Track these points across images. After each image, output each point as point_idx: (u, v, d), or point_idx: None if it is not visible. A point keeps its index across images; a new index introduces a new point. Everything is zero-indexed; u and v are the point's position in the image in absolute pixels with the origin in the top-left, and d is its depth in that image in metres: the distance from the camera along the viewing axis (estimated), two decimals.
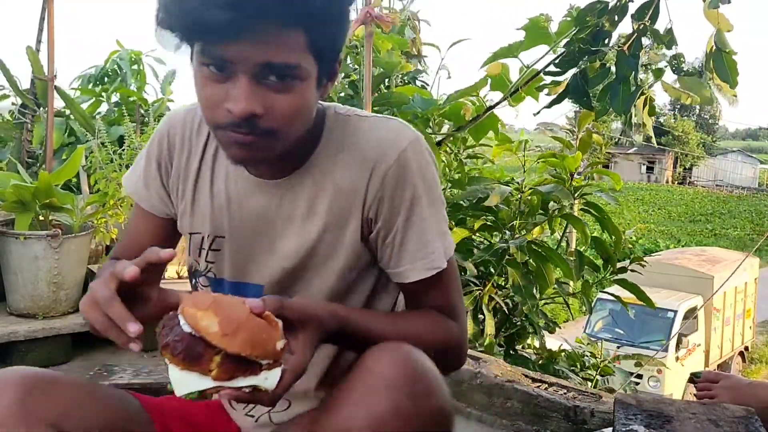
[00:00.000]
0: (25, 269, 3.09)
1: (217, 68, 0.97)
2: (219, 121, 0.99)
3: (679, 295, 11.45)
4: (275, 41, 0.95)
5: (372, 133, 1.14)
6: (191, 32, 0.95)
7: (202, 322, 0.84)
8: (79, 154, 3.29)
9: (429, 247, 1.14)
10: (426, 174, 1.13)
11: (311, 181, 1.14)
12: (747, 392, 1.65)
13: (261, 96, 0.97)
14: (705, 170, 47.89)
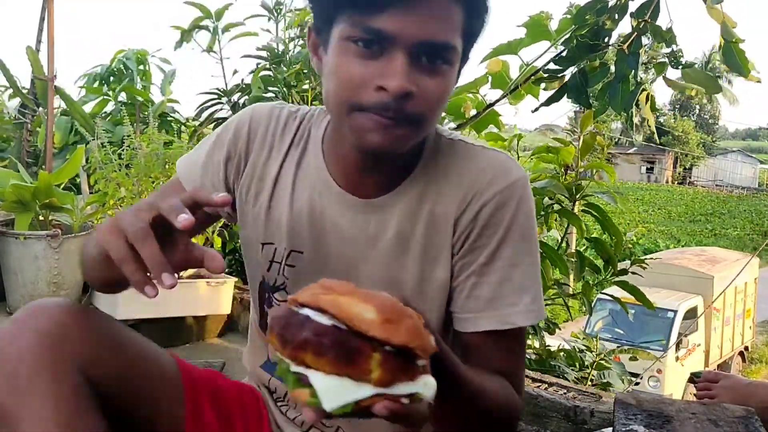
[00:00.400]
0: (25, 269, 3.09)
1: (366, 44, 0.90)
2: (363, 101, 0.91)
3: (679, 295, 11.45)
4: (439, 15, 0.90)
5: (476, 163, 1.06)
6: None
7: (353, 309, 0.64)
8: (80, 154, 3.29)
9: (509, 298, 1.03)
10: (524, 218, 1.04)
11: (405, 206, 1.05)
12: (747, 392, 1.65)
13: (415, 77, 0.91)
14: (705, 170, 47.91)
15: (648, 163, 45.81)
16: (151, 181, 3.37)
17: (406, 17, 0.87)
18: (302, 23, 4.20)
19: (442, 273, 1.05)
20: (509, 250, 1.03)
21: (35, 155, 4.00)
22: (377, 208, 1.06)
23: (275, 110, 1.14)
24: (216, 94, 4.31)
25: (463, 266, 1.04)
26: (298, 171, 1.10)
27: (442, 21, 0.90)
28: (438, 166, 1.06)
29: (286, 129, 1.13)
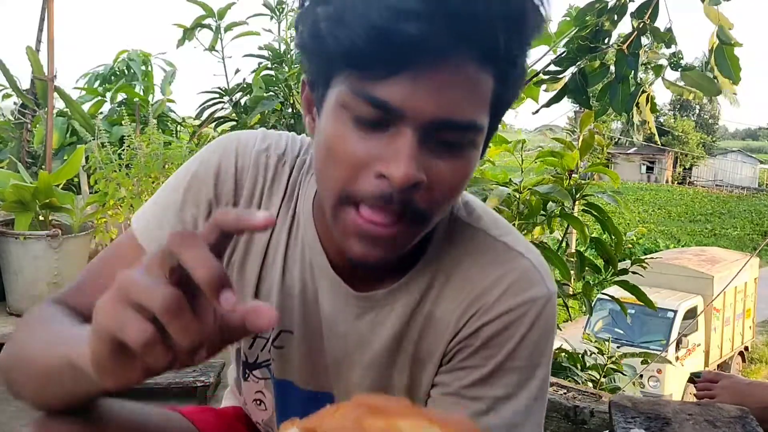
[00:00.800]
0: (25, 269, 3.09)
1: (368, 122, 0.71)
2: (359, 191, 0.73)
3: (678, 295, 11.46)
4: (463, 87, 0.70)
5: (492, 267, 0.86)
6: (364, 50, 0.67)
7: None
8: (79, 154, 3.29)
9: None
10: (533, 345, 0.85)
11: (405, 305, 0.89)
12: (746, 392, 1.65)
13: (425, 161, 0.71)
14: (705, 170, 47.91)
15: (648, 163, 45.81)
16: (151, 181, 3.38)
17: (420, 87, 0.68)
18: None
19: (427, 377, 0.91)
20: (505, 380, 0.85)
21: (33, 155, 4.00)
22: (374, 304, 0.89)
23: (262, 156, 0.91)
24: (217, 93, 4.32)
25: (447, 381, 0.88)
26: (289, 241, 0.92)
27: (467, 94, 0.70)
28: (447, 259, 0.88)
29: (276, 182, 0.91)
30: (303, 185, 0.91)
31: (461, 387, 0.86)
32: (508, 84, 0.75)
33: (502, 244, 0.88)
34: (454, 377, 0.87)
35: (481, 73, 0.70)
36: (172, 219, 0.89)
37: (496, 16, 0.67)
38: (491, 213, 0.93)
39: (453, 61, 0.68)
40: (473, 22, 0.66)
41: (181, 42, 4.29)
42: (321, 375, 0.95)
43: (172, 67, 5.40)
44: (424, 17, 0.64)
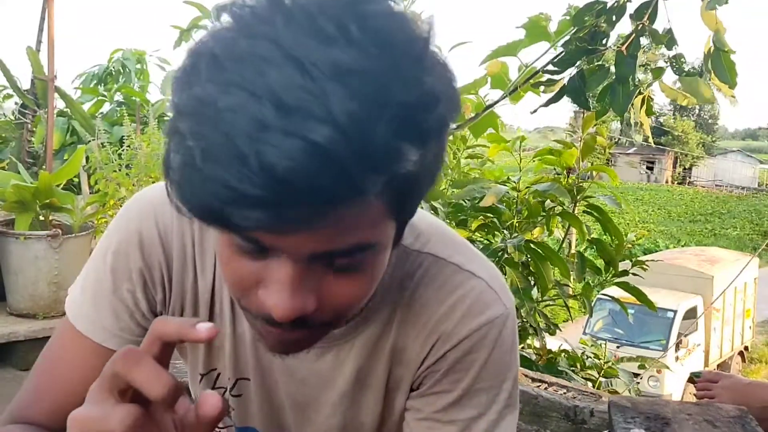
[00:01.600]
0: (26, 269, 3.10)
1: (247, 252, 0.64)
2: (250, 308, 0.68)
3: (678, 295, 11.46)
4: (348, 218, 0.59)
5: (446, 293, 0.84)
6: (207, 222, 0.59)
7: None
8: (80, 154, 3.30)
9: None
10: (496, 365, 0.85)
11: (365, 340, 0.86)
12: (746, 392, 1.65)
13: (315, 282, 0.64)
14: (704, 170, 47.94)
15: (648, 163, 45.83)
16: (152, 181, 3.38)
17: (288, 235, 0.59)
18: None
19: (400, 403, 0.90)
20: (476, 400, 0.85)
21: (34, 155, 4.00)
22: (333, 343, 0.85)
23: (184, 219, 0.82)
24: None
25: (419, 407, 0.88)
26: (225, 311, 0.87)
27: (354, 223, 0.60)
28: (404, 290, 0.85)
29: (204, 237, 0.84)
30: (206, 246, 0.85)
31: (434, 412, 0.87)
32: (408, 188, 0.62)
33: (452, 266, 0.85)
34: (425, 402, 0.87)
35: (358, 209, 0.59)
36: (107, 303, 0.84)
37: (355, 175, 0.54)
38: (438, 230, 0.89)
39: (320, 210, 0.56)
40: (324, 194, 0.54)
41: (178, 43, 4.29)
42: (282, 418, 0.92)
43: (167, 64, 5.41)
44: (263, 204, 0.54)
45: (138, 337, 0.84)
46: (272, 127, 0.52)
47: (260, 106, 0.52)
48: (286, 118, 0.52)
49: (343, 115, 0.52)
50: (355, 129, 0.53)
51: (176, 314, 0.86)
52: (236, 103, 0.53)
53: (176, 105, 0.58)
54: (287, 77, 0.53)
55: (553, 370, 2.91)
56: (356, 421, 0.91)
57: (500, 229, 2.96)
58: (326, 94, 0.52)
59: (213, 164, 0.53)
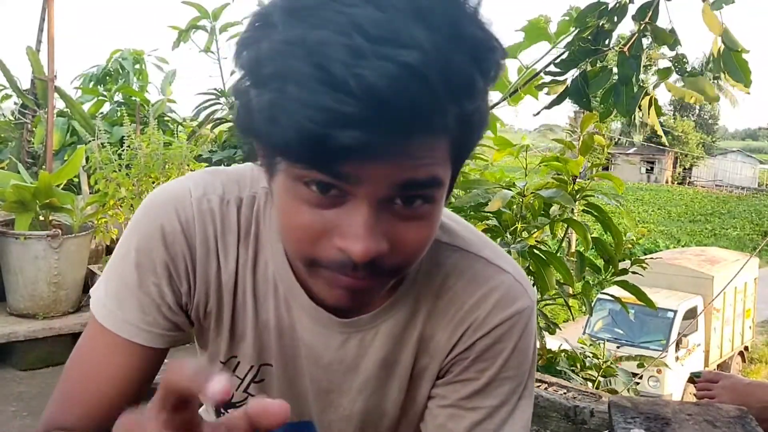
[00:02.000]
0: (25, 269, 3.09)
1: (323, 188, 0.66)
2: (320, 259, 0.71)
3: (679, 295, 11.46)
4: (416, 154, 0.65)
5: (477, 285, 0.88)
6: (299, 153, 0.63)
7: None
8: (80, 154, 3.30)
9: None
10: (522, 355, 0.90)
11: (391, 328, 0.88)
12: (746, 392, 1.65)
13: (387, 227, 0.69)
14: (705, 170, 47.94)
15: (648, 163, 45.82)
16: (152, 181, 3.38)
17: (367, 170, 0.64)
18: None
19: (423, 393, 0.93)
20: (500, 389, 0.89)
21: (34, 155, 4.00)
22: (358, 329, 0.87)
23: (203, 202, 0.85)
24: (214, 94, 4.32)
25: (445, 393, 0.91)
26: (255, 278, 0.87)
27: (427, 155, 0.66)
28: (432, 281, 0.89)
29: (226, 226, 0.86)
30: (262, 220, 0.87)
31: (459, 399, 0.90)
32: (466, 136, 0.71)
33: (482, 260, 0.90)
34: (451, 390, 0.90)
35: (434, 141, 0.66)
36: (134, 299, 0.84)
37: (440, 95, 0.62)
38: (464, 225, 0.93)
39: (401, 138, 0.63)
40: (415, 107, 0.61)
41: (176, 44, 4.30)
42: (305, 405, 0.93)
43: (165, 63, 5.41)
44: (360, 123, 0.59)
45: (165, 330, 0.85)
46: (366, 53, 0.58)
47: (350, 38, 0.58)
48: (377, 46, 0.58)
49: (427, 43, 0.59)
50: (439, 55, 0.60)
51: (201, 304, 0.87)
52: (325, 37, 0.58)
53: (254, 57, 0.64)
54: (369, 14, 0.59)
55: (553, 370, 2.91)
56: (378, 409, 0.93)
57: (502, 233, 2.96)
58: (408, 26, 0.59)
59: (309, 92, 0.58)
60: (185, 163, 3.57)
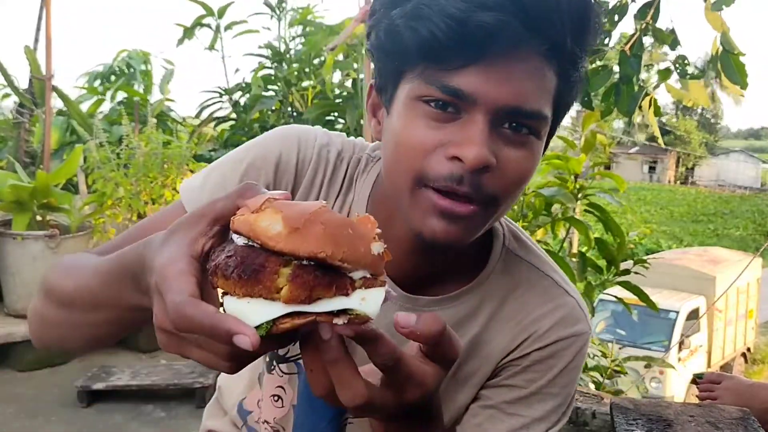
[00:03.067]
0: (23, 270, 3.08)
1: (441, 106, 0.75)
2: (431, 173, 0.76)
3: (681, 296, 11.43)
4: (532, 78, 0.75)
5: (543, 300, 0.93)
6: (435, 43, 0.72)
7: (261, 224, 0.56)
8: (78, 153, 3.28)
9: None
10: (570, 377, 0.93)
11: (449, 319, 0.88)
12: (749, 393, 1.65)
13: (495, 146, 0.75)
14: (707, 170, 47.90)
15: (650, 162, 45.80)
16: (150, 180, 3.36)
17: (491, 76, 0.73)
18: (304, 21, 4.19)
19: (464, 398, 0.95)
20: (543, 404, 0.92)
21: (32, 155, 3.99)
22: (416, 308, 0.91)
23: (323, 151, 0.94)
24: (217, 92, 4.31)
25: (489, 395, 0.94)
26: None
27: (535, 85, 0.75)
28: (498, 286, 0.93)
29: (335, 176, 0.94)
30: (358, 182, 0.95)
31: (502, 402, 0.93)
32: (570, 83, 0.79)
33: (550, 279, 0.95)
34: (496, 392, 0.94)
35: (546, 68, 0.76)
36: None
37: (564, 13, 0.72)
38: (535, 245, 1.00)
39: (523, 53, 0.73)
40: (544, 16, 0.72)
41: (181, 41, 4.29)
42: None
43: (171, 65, 5.39)
44: (499, 8, 0.70)
45: None
46: None
47: None
48: None
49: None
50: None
51: None
52: None
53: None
54: None
55: None
56: None
57: None
58: None
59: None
60: (184, 163, 3.55)
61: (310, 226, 0.56)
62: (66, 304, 0.80)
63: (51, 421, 2.95)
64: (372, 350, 0.61)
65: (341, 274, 0.58)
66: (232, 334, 0.53)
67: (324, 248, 0.55)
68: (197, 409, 3.00)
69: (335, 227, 0.57)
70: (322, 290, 0.57)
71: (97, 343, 0.85)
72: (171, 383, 3.07)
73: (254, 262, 0.56)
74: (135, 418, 3.03)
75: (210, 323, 0.54)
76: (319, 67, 4.01)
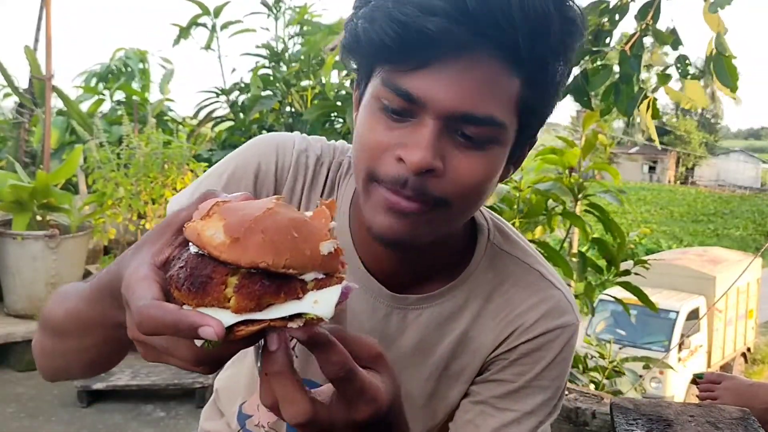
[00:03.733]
0: (23, 270, 3.08)
1: (394, 109, 0.77)
2: (379, 172, 0.78)
3: (681, 296, 11.42)
4: (485, 84, 0.75)
5: (529, 293, 0.94)
6: (384, 47, 0.74)
7: (206, 233, 0.56)
8: (78, 153, 3.28)
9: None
10: (559, 369, 0.94)
11: (435, 315, 0.94)
12: (749, 393, 1.65)
13: (444, 151, 0.76)
14: (707, 170, 47.92)
15: (650, 162, 45.80)
16: (150, 180, 3.36)
17: (441, 81, 0.73)
18: (301, 21, 4.19)
19: (457, 393, 0.96)
20: (532, 397, 0.93)
21: (31, 155, 3.99)
22: (403, 306, 0.93)
23: (302, 157, 0.95)
24: (214, 92, 4.31)
25: (479, 390, 0.95)
26: None
27: (487, 90, 0.74)
28: (484, 281, 0.94)
29: (315, 181, 0.96)
30: (341, 186, 0.97)
31: (491, 396, 0.93)
32: (537, 88, 0.78)
33: (536, 273, 0.96)
34: (485, 387, 0.94)
35: (504, 73, 0.75)
36: None
37: (516, 17, 0.71)
38: (522, 239, 1.00)
39: (474, 57, 0.73)
40: (491, 20, 0.71)
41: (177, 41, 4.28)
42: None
43: (169, 63, 5.39)
44: (443, 14, 0.70)
45: None
46: None
47: None
48: None
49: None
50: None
51: None
52: None
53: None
54: None
55: None
56: (404, 387, 0.91)
57: None
58: None
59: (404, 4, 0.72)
60: (185, 163, 3.55)
61: (249, 235, 0.56)
62: (59, 332, 0.81)
63: (51, 421, 2.94)
64: (324, 359, 0.60)
65: (291, 278, 0.57)
66: (197, 326, 0.53)
67: (264, 258, 0.55)
68: (197, 409, 2.99)
69: (276, 233, 0.56)
70: (270, 297, 0.57)
71: (97, 367, 0.86)
72: (171, 383, 3.07)
73: (202, 273, 0.56)
74: (135, 418, 3.03)
75: (173, 320, 0.54)
76: (317, 67, 4.01)
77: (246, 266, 0.56)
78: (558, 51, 0.77)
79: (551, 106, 0.83)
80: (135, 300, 0.57)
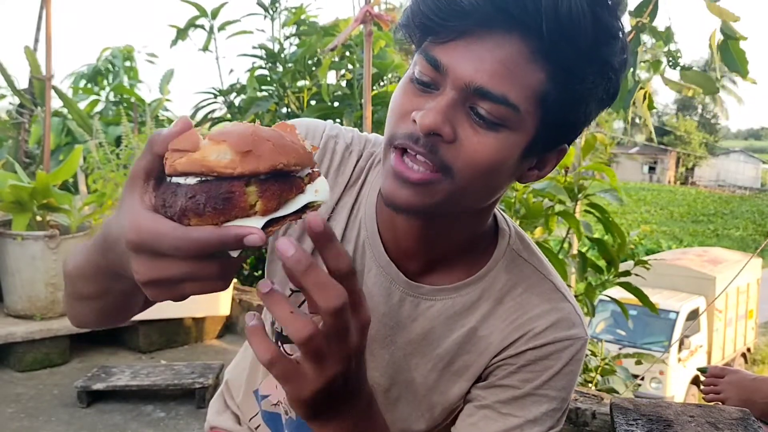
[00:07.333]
0: (23, 270, 3.08)
1: (422, 82, 0.81)
2: (396, 132, 0.82)
3: (681, 296, 11.41)
4: (506, 64, 0.77)
5: (540, 301, 0.95)
6: (424, 20, 0.78)
7: (210, 157, 0.60)
8: (77, 153, 3.28)
9: None
10: (566, 380, 0.94)
11: (447, 309, 0.96)
12: (752, 387, 1.65)
13: (457, 121, 0.79)
14: (707, 170, 47.91)
15: (650, 163, 45.79)
16: None
17: (465, 53, 0.77)
18: (298, 22, 4.18)
19: (457, 391, 0.97)
20: (537, 406, 0.93)
21: (31, 155, 3.99)
22: (417, 295, 0.96)
23: (331, 141, 0.99)
24: (212, 93, 4.31)
25: (484, 395, 0.96)
26: (348, 222, 0.98)
27: (508, 72, 0.76)
28: (499, 283, 0.96)
29: (342, 168, 0.99)
30: (370, 174, 1.00)
31: (496, 401, 0.94)
32: (562, 88, 0.78)
33: (550, 283, 0.97)
34: (491, 392, 0.95)
35: (529, 59, 0.77)
36: None
37: (543, 2, 0.73)
38: (539, 251, 1.02)
39: (503, 38, 0.76)
40: (521, 2, 0.74)
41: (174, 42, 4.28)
42: None
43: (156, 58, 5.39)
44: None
45: None
46: None
47: None
48: None
49: None
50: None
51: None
52: None
53: None
54: None
55: None
56: (408, 374, 0.99)
57: None
58: None
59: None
60: None
61: (259, 145, 0.61)
62: (71, 282, 0.85)
63: (51, 422, 2.94)
64: (335, 252, 0.64)
65: (293, 176, 0.65)
66: (242, 236, 0.59)
67: (279, 159, 0.62)
68: (197, 409, 2.99)
69: (277, 139, 0.63)
70: (287, 194, 0.64)
71: (108, 317, 0.89)
72: (171, 383, 3.06)
73: (221, 191, 0.61)
74: (135, 418, 3.03)
75: (218, 236, 0.59)
76: (313, 67, 4.00)
77: (264, 171, 0.61)
78: (590, 57, 0.78)
79: (580, 114, 0.83)
80: (162, 236, 0.60)
